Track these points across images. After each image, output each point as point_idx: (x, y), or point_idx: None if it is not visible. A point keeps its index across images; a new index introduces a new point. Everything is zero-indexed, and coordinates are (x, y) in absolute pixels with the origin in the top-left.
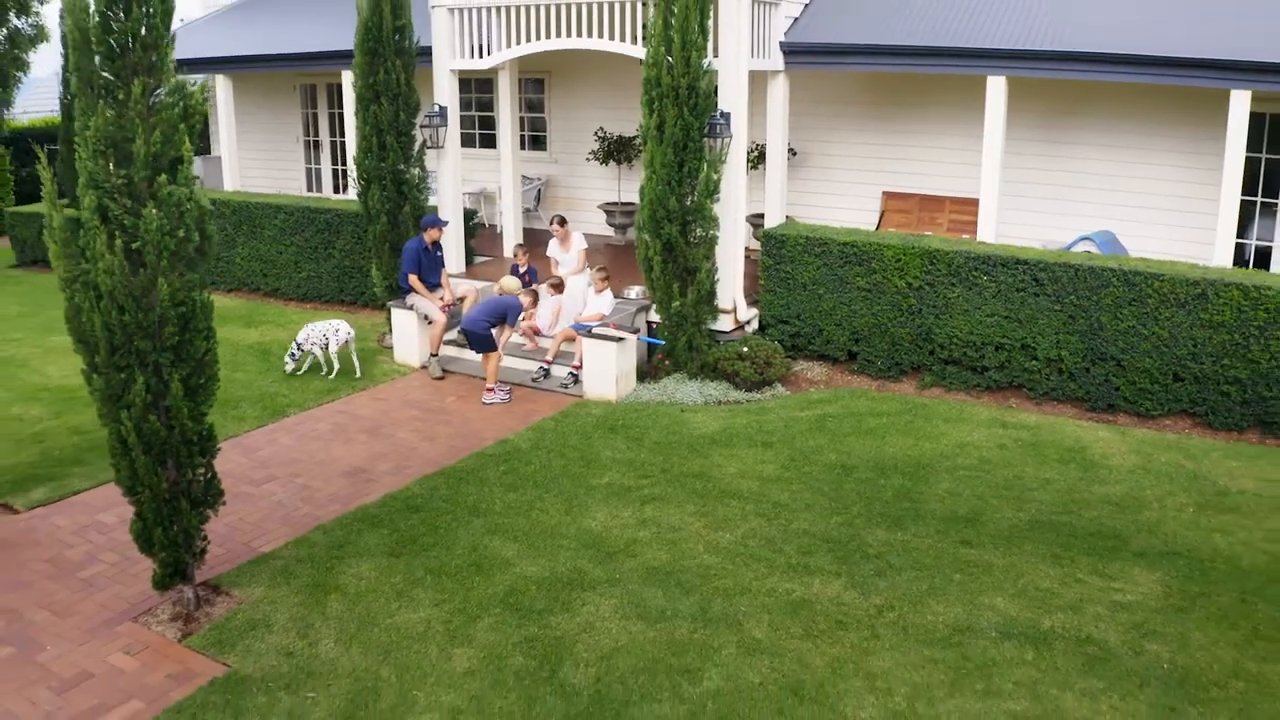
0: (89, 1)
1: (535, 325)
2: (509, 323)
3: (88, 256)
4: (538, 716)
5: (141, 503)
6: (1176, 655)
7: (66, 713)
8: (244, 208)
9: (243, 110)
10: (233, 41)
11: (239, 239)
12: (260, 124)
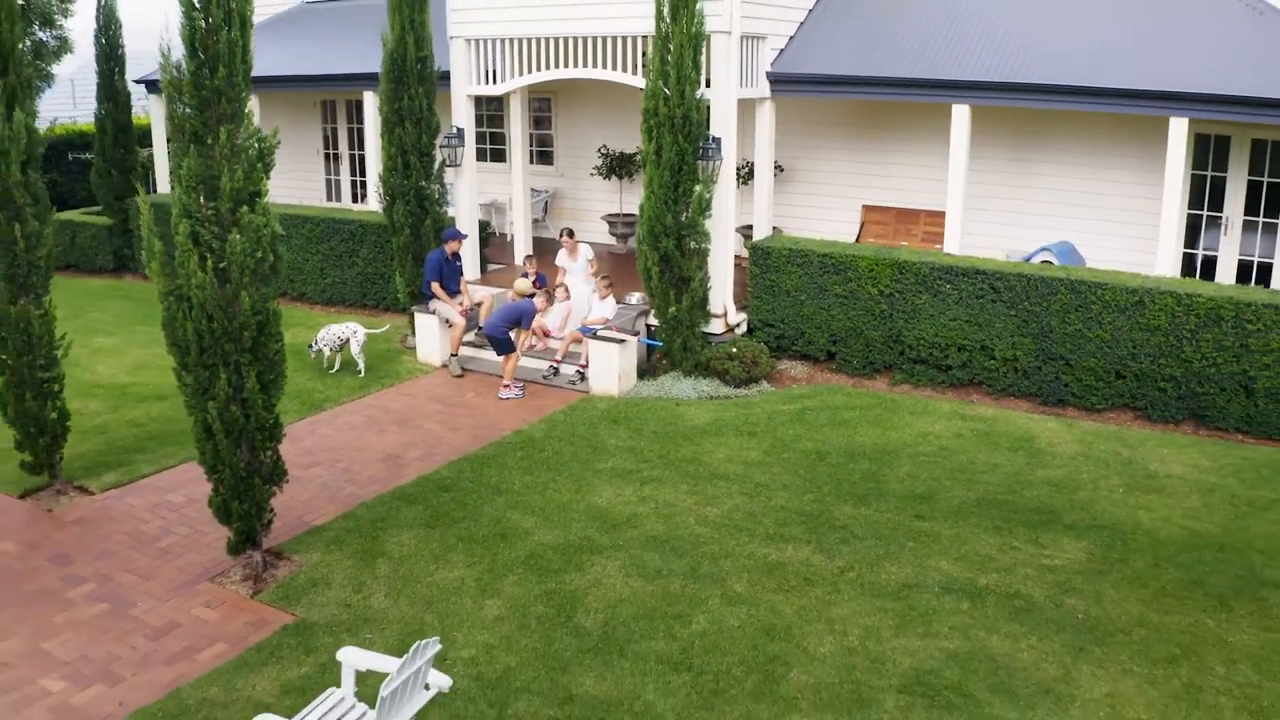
0: (181, 61)
1: (545, 326)
2: (523, 325)
3: (182, 274)
4: (556, 651)
5: (222, 480)
6: (1091, 608)
7: (161, 654)
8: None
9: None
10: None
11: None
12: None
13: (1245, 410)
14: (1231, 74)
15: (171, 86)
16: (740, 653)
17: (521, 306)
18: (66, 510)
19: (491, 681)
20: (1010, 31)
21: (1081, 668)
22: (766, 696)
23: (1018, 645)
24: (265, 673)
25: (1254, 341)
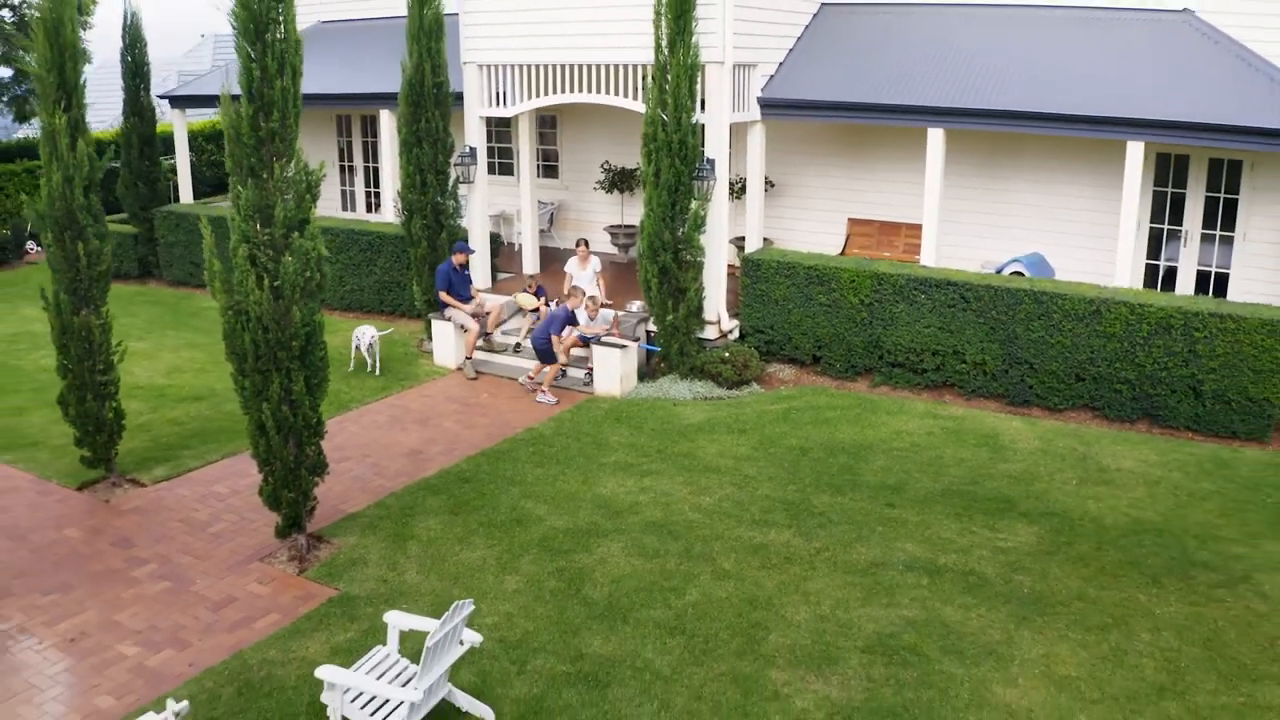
0: (240, 106)
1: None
2: (553, 331)
3: (240, 292)
4: (568, 618)
5: (273, 471)
6: (1036, 584)
7: (222, 624)
8: None
9: None
10: None
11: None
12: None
13: (1194, 410)
14: (1185, 100)
15: (232, 128)
16: (727, 619)
17: (555, 313)
18: (122, 500)
19: (513, 643)
20: (983, 60)
21: (1023, 634)
22: (748, 655)
23: (968, 614)
24: (316, 638)
25: (1201, 348)
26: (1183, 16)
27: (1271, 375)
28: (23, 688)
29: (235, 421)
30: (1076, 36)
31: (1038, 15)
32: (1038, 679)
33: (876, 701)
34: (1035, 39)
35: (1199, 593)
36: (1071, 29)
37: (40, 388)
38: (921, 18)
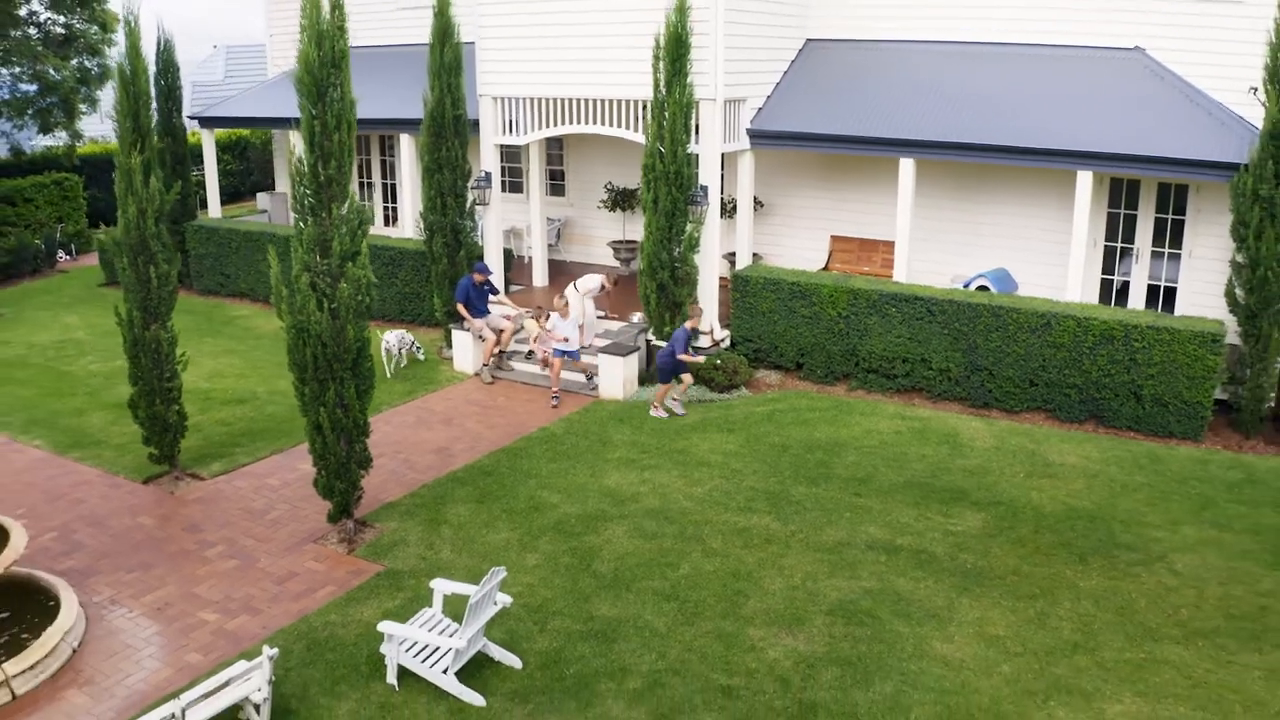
0: (304, 156)
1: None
2: (677, 351)
3: (303, 313)
4: (580, 587)
5: (327, 465)
6: (979, 561)
7: (287, 594)
8: None
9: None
10: None
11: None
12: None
13: (1135, 412)
14: (1133, 133)
15: (296, 173)
16: (713, 589)
17: (677, 335)
18: (186, 492)
19: (534, 607)
20: (951, 93)
21: (962, 601)
22: (730, 616)
23: (918, 585)
24: (369, 604)
25: (1140, 356)
26: (1134, 54)
27: (1203, 381)
28: (121, 647)
29: (278, 423)
30: (1036, 72)
31: (1000, 52)
32: (971, 637)
33: (836, 653)
34: (998, 74)
35: (1119, 569)
36: (1032, 65)
37: (93, 391)
38: (896, 53)
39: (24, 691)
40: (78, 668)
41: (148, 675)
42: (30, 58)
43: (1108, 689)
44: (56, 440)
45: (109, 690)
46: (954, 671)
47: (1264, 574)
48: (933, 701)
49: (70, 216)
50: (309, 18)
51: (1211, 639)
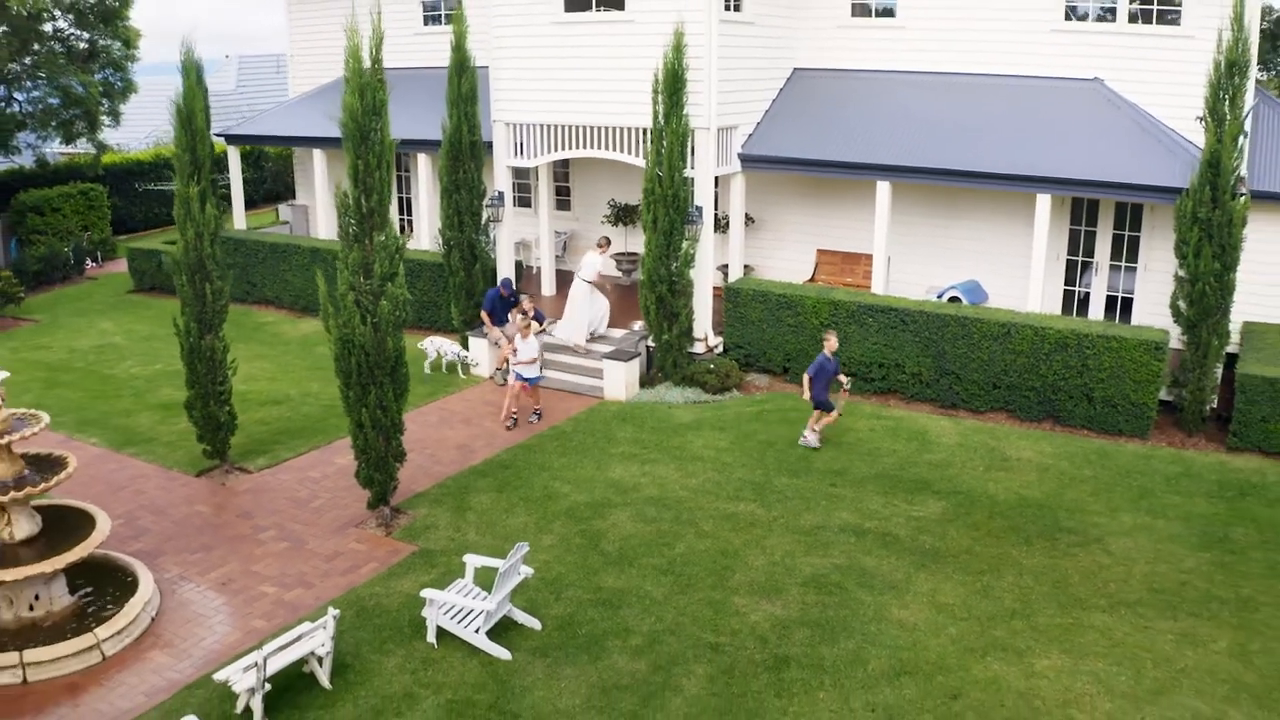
0: (348, 190)
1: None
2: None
3: (349, 327)
4: (589, 564)
5: (368, 459)
6: (938, 542)
7: (335, 570)
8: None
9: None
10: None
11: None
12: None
13: (1087, 412)
14: (1090, 159)
15: (342, 206)
16: (704, 564)
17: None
18: (236, 484)
19: (550, 580)
20: (924, 120)
21: (919, 575)
22: (719, 587)
23: (881, 562)
24: (407, 578)
25: (1091, 362)
26: (1093, 85)
27: (1148, 384)
28: (193, 616)
29: (312, 422)
30: (1002, 101)
31: (971, 82)
32: (924, 605)
33: (807, 617)
34: (967, 103)
35: (1059, 550)
36: (998, 94)
37: (138, 393)
38: (875, 82)
39: (112, 653)
40: (157, 633)
41: (219, 638)
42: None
43: (1038, 648)
44: (110, 438)
45: (186, 651)
46: (907, 632)
47: (1188, 555)
48: (888, 656)
49: (95, 225)
50: (352, 70)
51: (1133, 608)
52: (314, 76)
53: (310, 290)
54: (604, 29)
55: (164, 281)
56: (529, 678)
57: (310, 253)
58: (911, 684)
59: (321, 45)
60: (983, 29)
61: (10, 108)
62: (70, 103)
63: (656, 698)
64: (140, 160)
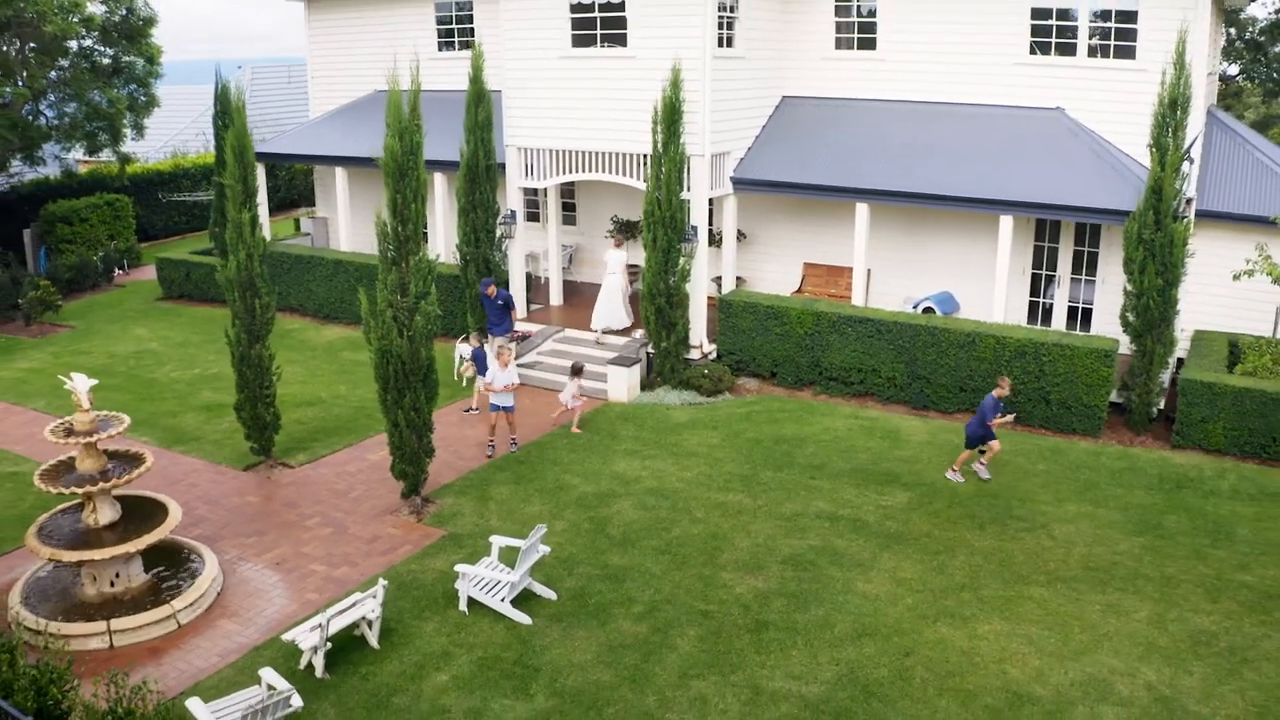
0: (387, 219)
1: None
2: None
3: (387, 339)
4: (597, 545)
5: (403, 454)
6: (902, 527)
7: (375, 551)
8: (365, 267)
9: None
10: (350, 143)
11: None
12: (359, 196)
13: (1045, 413)
14: (1050, 183)
15: (381, 233)
16: (697, 546)
17: (985, 403)
18: (280, 477)
19: (563, 559)
20: (900, 145)
21: (883, 555)
22: (709, 565)
23: (851, 544)
24: (439, 558)
25: (1047, 368)
26: (1055, 113)
27: (1099, 388)
28: (254, 590)
29: (344, 422)
30: (971, 128)
31: (943, 110)
32: (886, 579)
33: (784, 589)
34: (938, 130)
35: (1008, 534)
36: (968, 121)
37: (180, 396)
38: (856, 110)
39: (186, 621)
40: (223, 605)
41: (278, 609)
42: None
43: (981, 616)
44: (160, 437)
45: (251, 619)
46: (869, 602)
47: (1122, 539)
48: (851, 621)
49: (121, 234)
50: (393, 116)
51: (1069, 584)
52: (334, 97)
53: (333, 299)
54: (608, 63)
55: (192, 290)
56: (547, 639)
57: (334, 265)
58: (871, 644)
59: (339, 67)
60: (955, 61)
61: (37, 119)
62: (94, 115)
63: (655, 654)
64: (160, 170)
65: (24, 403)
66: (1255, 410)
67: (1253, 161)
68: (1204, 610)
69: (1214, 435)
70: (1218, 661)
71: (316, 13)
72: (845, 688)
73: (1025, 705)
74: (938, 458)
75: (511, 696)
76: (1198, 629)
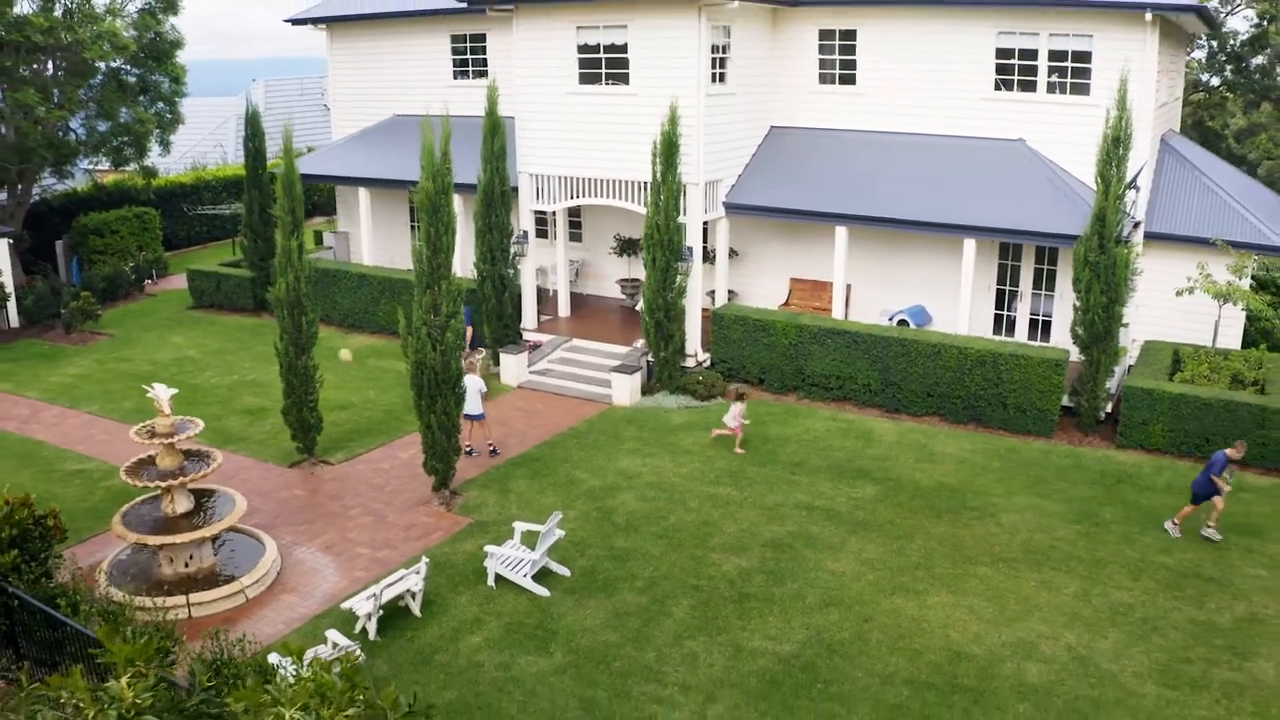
0: (421, 248)
1: None
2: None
3: (421, 353)
4: (604, 531)
5: (434, 452)
6: (869, 515)
7: (411, 536)
8: (388, 280)
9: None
10: (373, 165)
11: (383, 299)
12: (380, 213)
13: (1003, 416)
14: (1005, 210)
15: (417, 260)
16: (690, 531)
17: (1214, 459)
18: (322, 473)
19: (575, 542)
20: (876, 172)
21: (851, 539)
22: (700, 547)
23: (824, 530)
24: (468, 541)
25: (1004, 375)
26: (1016, 144)
27: (1051, 394)
28: (309, 570)
29: (375, 424)
30: (941, 157)
31: (915, 140)
32: (852, 559)
33: (764, 567)
34: (913, 159)
35: (961, 522)
36: (938, 152)
37: (223, 400)
38: (838, 139)
39: (253, 596)
40: (283, 582)
41: (332, 585)
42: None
43: (931, 590)
44: (209, 439)
45: (309, 594)
46: (837, 578)
47: (1062, 527)
48: (820, 593)
49: (149, 245)
50: (427, 160)
51: (1010, 564)
52: (356, 120)
53: (358, 310)
54: (611, 99)
55: (222, 299)
56: (563, 608)
57: (358, 278)
58: (836, 612)
59: (360, 92)
60: (926, 96)
61: (67, 135)
62: (122, 132)
63: (654, 620)
64: (182, 182)
65: (78, 406)
66: (1190, 414)
67: (1200, 187)
68: (1125, 587)
69: (1154, 436)
70: (1131, 629)
71: (338, 41)
72: (812, 647)
73: (962, 662)
74: (905, 456)
75: (534, 654)
76: (1117, 602)
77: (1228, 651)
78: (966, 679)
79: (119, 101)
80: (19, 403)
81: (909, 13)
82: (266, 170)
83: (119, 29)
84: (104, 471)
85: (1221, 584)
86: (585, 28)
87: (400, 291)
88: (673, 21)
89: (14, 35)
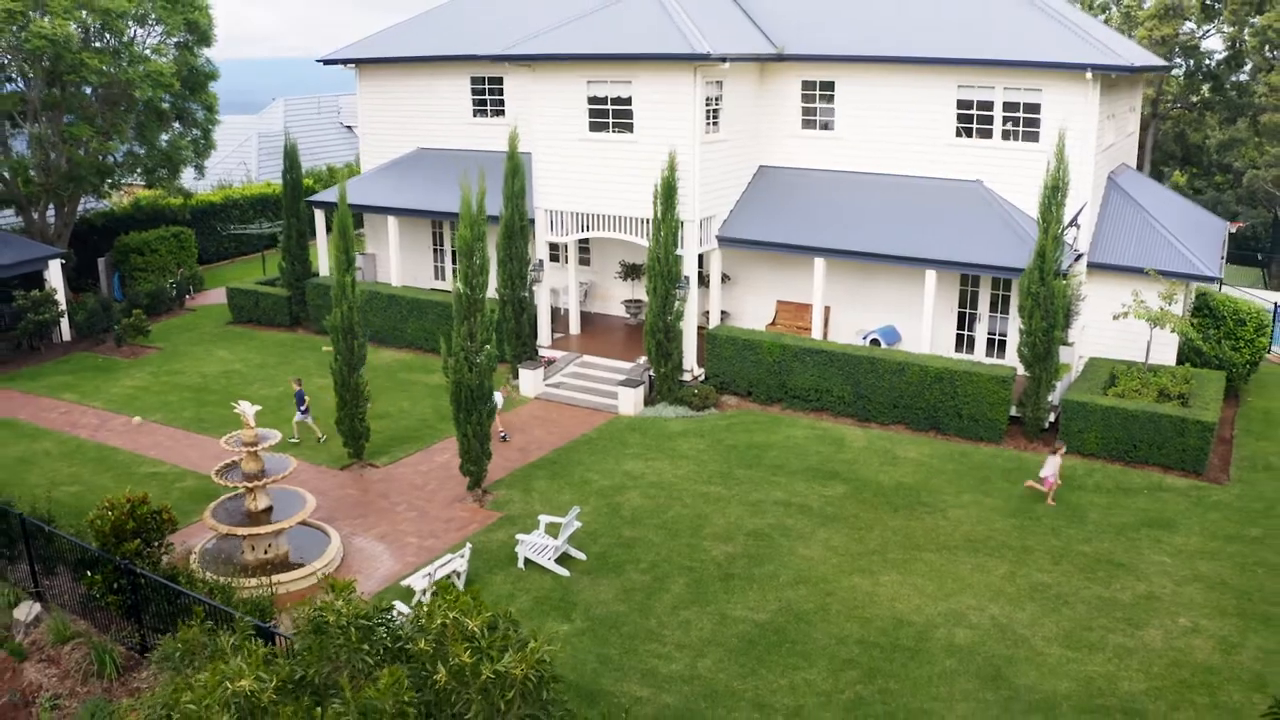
0: (459, 285)
1: None
2: None
3: (459, 372)
4: (613, 524)
5: (469, 456)
6: (839, 510)
7: (452, 528)
8: (414, 301)
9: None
10: (400, 195)
11: (410, 318)
12: (406, 238)
13: (959, 425)
14: (963, 244)
15: (456, 298)
16: (686, 523)
17: None
18: (370, 475)
19: (589, 532)
20: (848, 211)
21: (820, 530)
22: (694, 536)
23: (798, 522)
24: (499, 532)
25: (959, 389)
26: (974, 185)
27: (999, 405)
28: (368, 556)
29: (412, 431)
30: (909, 196)
31: (886, 180)
32: (820, 547)
33: (747, 553)
34: (884, 197)
35: (914, 516)
36: (905, 191)
37: (272, 410)
38: (818, 178)
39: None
40: (347, 565)
41: (388, 567)
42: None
43: (884, 571)
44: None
45: (369, 575)
46: (806, 562)
47: (1000, 520)
48: (792, 574)
49: (186, 263)
50: (464, 208)
51: (952, 551)
52: (383, 152)
53: (388, 327)
54: (617, 145)
55: (260, 315)
56: (581, 585)
57: (388, 299)
58: (804, 588)
59: (386, 126)
60: (897, 140)
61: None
62: (156, 156)
63: (655, 595)
64: (213, 201)
65: (144, 416)
66: (1119, 424)
67: (1140, 221)
68: (1046, 570)
69: (1089, 443)
70: (1046, 603)
71: (366, 80)
72: (783, 615)
73: (904, 627)
74: (872, 460)
75: (559, 621)
76: (1038, 582)
77: (1124, 622)
78: (906, 640)
79: (158, 129)
80: (87, 412)
81: (881, 68)
82: (304, 201)
83: (164, 68)
84: (177, 474)
85: (1129, 568)
86: (595, 81)
87: (427, 311)
88: (671, 79)
89: (72, 76)
